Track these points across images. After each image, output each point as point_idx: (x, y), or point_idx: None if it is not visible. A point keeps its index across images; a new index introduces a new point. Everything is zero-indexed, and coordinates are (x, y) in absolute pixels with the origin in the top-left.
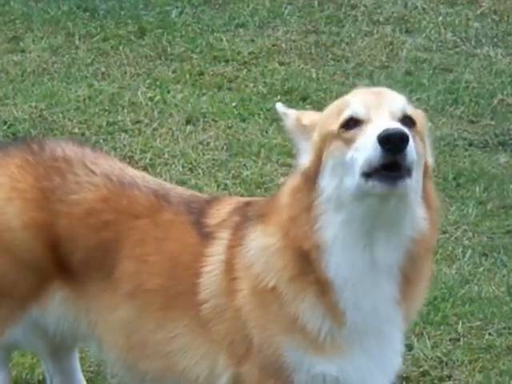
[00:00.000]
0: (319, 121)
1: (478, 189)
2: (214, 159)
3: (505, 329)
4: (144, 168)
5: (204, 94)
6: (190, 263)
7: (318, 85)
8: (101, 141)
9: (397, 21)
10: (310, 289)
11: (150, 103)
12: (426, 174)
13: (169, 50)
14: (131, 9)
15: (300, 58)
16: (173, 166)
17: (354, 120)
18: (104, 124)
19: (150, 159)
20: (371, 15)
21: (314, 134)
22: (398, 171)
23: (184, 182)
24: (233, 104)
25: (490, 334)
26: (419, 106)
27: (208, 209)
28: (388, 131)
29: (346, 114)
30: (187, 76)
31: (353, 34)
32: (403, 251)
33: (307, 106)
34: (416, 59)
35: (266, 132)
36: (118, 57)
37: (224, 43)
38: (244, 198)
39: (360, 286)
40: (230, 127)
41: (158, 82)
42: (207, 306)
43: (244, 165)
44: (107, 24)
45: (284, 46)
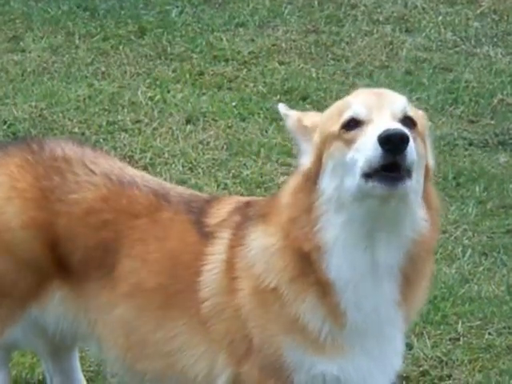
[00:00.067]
0: (320, 122)
1: (477, 188)
2: (213, 159)
3: (505, 328)
4: (144, 167)
5: (204, 94)
6: (190, 262)
7: (317, 84)
8: (101, 140)
9: (397, 20)
10: (311, 290)
11: (150, 103)
12: (426, 175)
13: (169, 49)
14: (131, 8)
15: (300, 57)
16: (173, 166)
17: (355, 121)
18: (104, 123)
19: (150, 159)
20: (371, 15)
21: (315, 135)
22: (398, 172)
23: (184, 182)
24: (233, 103)
25: (489, 334)
26: (419, 105)
27: (208, 208)
28: (388, 131)
29: (347, 115)
30: (187, 75)
31: (353, 34)
32: (404, 252)
33: (307, 106)
34: (416, 59)
35: (266, 131)
36: (118, 56)
37: (224, 43)
38: (244, 198)
39: (361, 287)
40: (229, 127)
41: (158, 82)
42: (207, 304)
43: (244, 164)
44: (107, 23)
45: (284, 45)
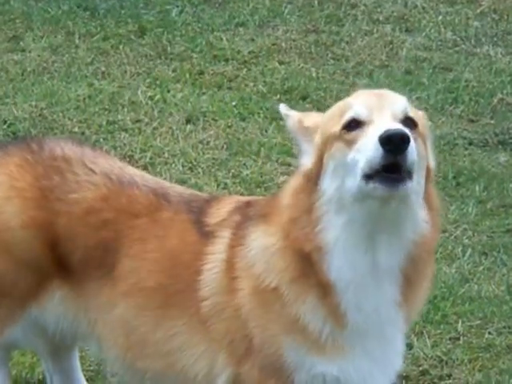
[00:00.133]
0: (321, 123)
1: (477, 188)
2: (213, 158)
3: (505, 328)
4: (144, 167)
5: (204, 93)
6: (190, 261)
7: (317, 84)
8: (101, 140)
9: (397, 20)
10: (312, 291)
11: (150, 102)
12: (427, 176)
13: (169, 49)
14: (131, 8)
15: (300, 57)
16: (173, 165)
17: (356, 121)
18: (104, 123)
19: (150, 158)
20: (371, 14)
21: (316, 136)
22: (398, 173)
23: (184, 181)
24: (233, 103)
25: (489, 333)
26: (419, 105)
27: (208, 208)
28: (389, 132)
29: (348, 116)
30: (187, 75)
31: (353, 33)
32: (405, 253)
33: (307, 105)
34: (416, 58)
35: (266, 131)
36: (118, 56)
37: (224, 42)
38: (244, 198)
39: (362, 288)
40: (229, 126)
41: (158, 81)
42: (207, 303)
43: (244, 164)
44: (107, 23)
45: (284, 45)
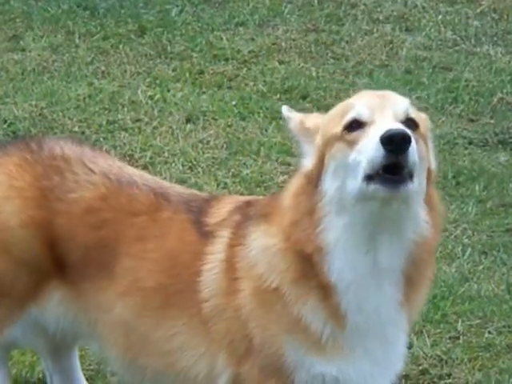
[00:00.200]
0: (322, 124)
1: (477, 187)
2: (213, 158)
3: (504, 327)
4: (144, 166)
5: (204, 93)
6: (190, 262)
7: (317, 83)
8: (101, 139)
9: (396, 19)
10: (313, 292)
11: (150, 102)
12: (429, 177)
13: (169, 48)
14: (131, 7)
15: (300, 56)
16: (173, 165)
17: (358, 122)
18: (104, 123)
19: (150, 158)
20: (371, 14)
21: (317, 137)
22: (399, 174)
23: (184, 181)
24: (233, 102)
25: (489, 333)
26: (419, 104)
27: (208, 208)
28: (390, 132)
29: (350, 116)
30: (187, 74)
31: (353, 33)
32: (406, 254)
33: (307, 105)
34: (416, 58)
35: (266, 130)
36: (118, 55)
37: (224, 42)
38: (244, 197)
39: (362, 288)
40: (229, 126)
41: (158, 81)
42: (208, 304)
43: (244, 163)
44: (107, 23)
45: (284, 44)
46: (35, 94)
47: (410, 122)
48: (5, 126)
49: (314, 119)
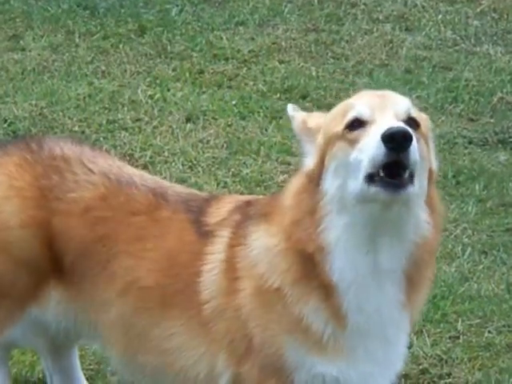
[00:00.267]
0: (324, 123)
1: (477, 187)
2: (213, 157)
3: (504, 327)
4: (144, 166)
5: (204, 92)
6: (189, 262)
7: (317, 83)
8: (101, 139)
9: (396, 19)
10: (314, 293)
11: (150, 101)
12: (430, 178)
13: (169, 48)
14: (131, 7)
15: (300, 56)
16: (173, 164)
17: (359, 121)
18: (104, 122)
19: (150, 157)
20: (371, 13)
21: (319, 137)
22: (400, 175)
23: (184, 180)
24: (233, 102)
25: (489, 332)
26: (419, 104)
27: (207, 207)
28: (391, 129)
29: (351, 116)
30: (187, 74)
31: (352, 32)
32: (406, 255)
33: (307, 104)
34: (416, 57)
35: (266, 130)
36: (118, 55)
37: (224, 41)
38: (243, 197)
39: (363, 289)
40: (229, 125)
41: (158, 80)
42: (208, 306)
43: (244, 163)
44: (107, 22)
45: (284, 44)
46: (35, 94)
47: (411, 122)
48: (5, 125)
49: (316, 119)
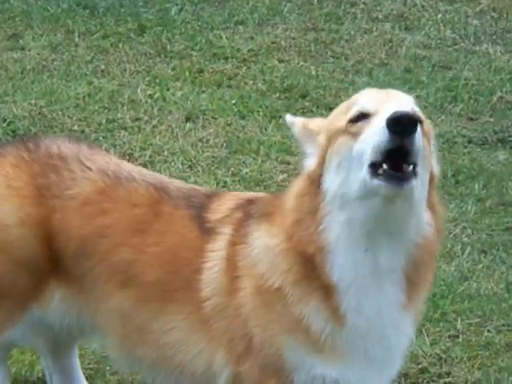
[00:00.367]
0: (327, 121)
1: (477, 186)
2: (213, 156)
3: (504, 326)
4: (143, 165)
5: (203, 92)
6: (190, 258)
7: (317, 82)
8: (100, 138)
9: (396, 18)
10: (315, 294)
11: (149, 100)
12: (431, 182)
13: (168, 47)
14: (131, 6)
15: (299, 55)
16: (172, 164)
17: (363, 114)
18: (104, 121)
19: (150, 156)
20: (370, 12)
21: (320, 137)
22: (403, 164)
23: (183, 180)
24: (232, 101)
25: (488, 331)
26: (418, 103)
27: (209, 203)
28: (397, 113)
29: (355, 110)
30: (187, 73)
31: (352, 32)
32: (407, 255)
33: (306, 103)
34: (415, 56)
35: (266, 129)
36: (117, 54)
37: (223, 40)
38: (245, 194)
39: (363, 289)
40: (229, 124)
41: (157, 80)
42: (209, 303)
43: (243, 162)
44: (107, 21)
45: (283, 43)
46: (35, 93)
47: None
48: (4, 124)
49: (317, 121)
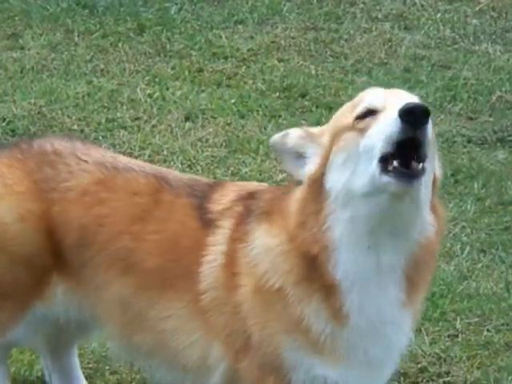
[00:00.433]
0: (332, 121)
1: (476, 185)
2: (212, 156)
3: (503, 325)
4: None
5: (203, 91)
6: (191, 249)
7: (316, 81)
8: (100, 137)
9: (395, 18)
10: (316, 295)
11: (149, 100)
12: (433, 183)
13: (168, 46)
14: (130, 5)
15: (299, 54)
16: (172, 163)
17: (370, 110)
18: (103, 121)
19: (149, 156)
20: (370, 12)
21: (324, 137)
22: (415, 152)
23: None
24: (232, 101)
25: (488, 331)
26: None
27: (211, 193)
28: (410, 104)
29: (362, 107)
30: (186, 73)
31: (352, 31)
32: (408, 254)
33: (306, 103)
34: (415, 56)
35: (265, 129)
36: (117, 53)
37: (223, 40)
38: (247, 185)
39: (366, 288)
40: (228, 124)
41: (157, 79)
42: (207, 295)
43: (243, 161)
44: (106, 21)
45: (283, 42)
46: (34, 92)
47: None
48: (3, 124)
49: (317, 128)
